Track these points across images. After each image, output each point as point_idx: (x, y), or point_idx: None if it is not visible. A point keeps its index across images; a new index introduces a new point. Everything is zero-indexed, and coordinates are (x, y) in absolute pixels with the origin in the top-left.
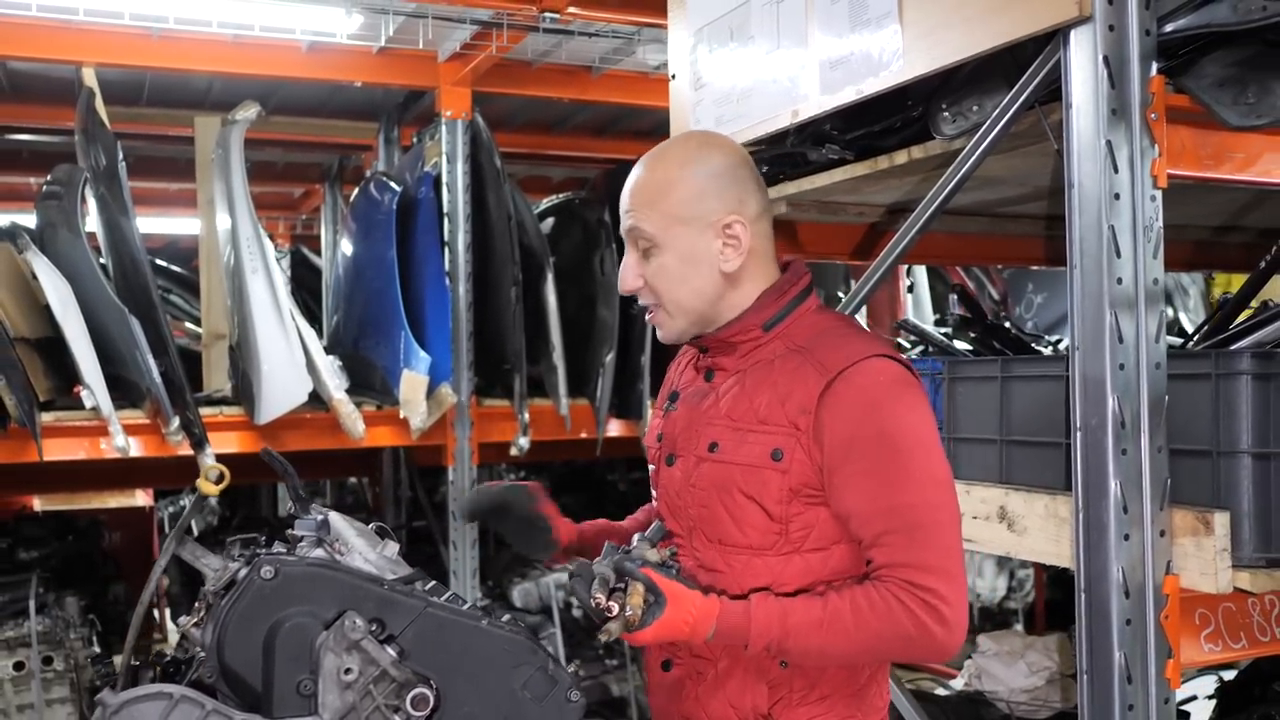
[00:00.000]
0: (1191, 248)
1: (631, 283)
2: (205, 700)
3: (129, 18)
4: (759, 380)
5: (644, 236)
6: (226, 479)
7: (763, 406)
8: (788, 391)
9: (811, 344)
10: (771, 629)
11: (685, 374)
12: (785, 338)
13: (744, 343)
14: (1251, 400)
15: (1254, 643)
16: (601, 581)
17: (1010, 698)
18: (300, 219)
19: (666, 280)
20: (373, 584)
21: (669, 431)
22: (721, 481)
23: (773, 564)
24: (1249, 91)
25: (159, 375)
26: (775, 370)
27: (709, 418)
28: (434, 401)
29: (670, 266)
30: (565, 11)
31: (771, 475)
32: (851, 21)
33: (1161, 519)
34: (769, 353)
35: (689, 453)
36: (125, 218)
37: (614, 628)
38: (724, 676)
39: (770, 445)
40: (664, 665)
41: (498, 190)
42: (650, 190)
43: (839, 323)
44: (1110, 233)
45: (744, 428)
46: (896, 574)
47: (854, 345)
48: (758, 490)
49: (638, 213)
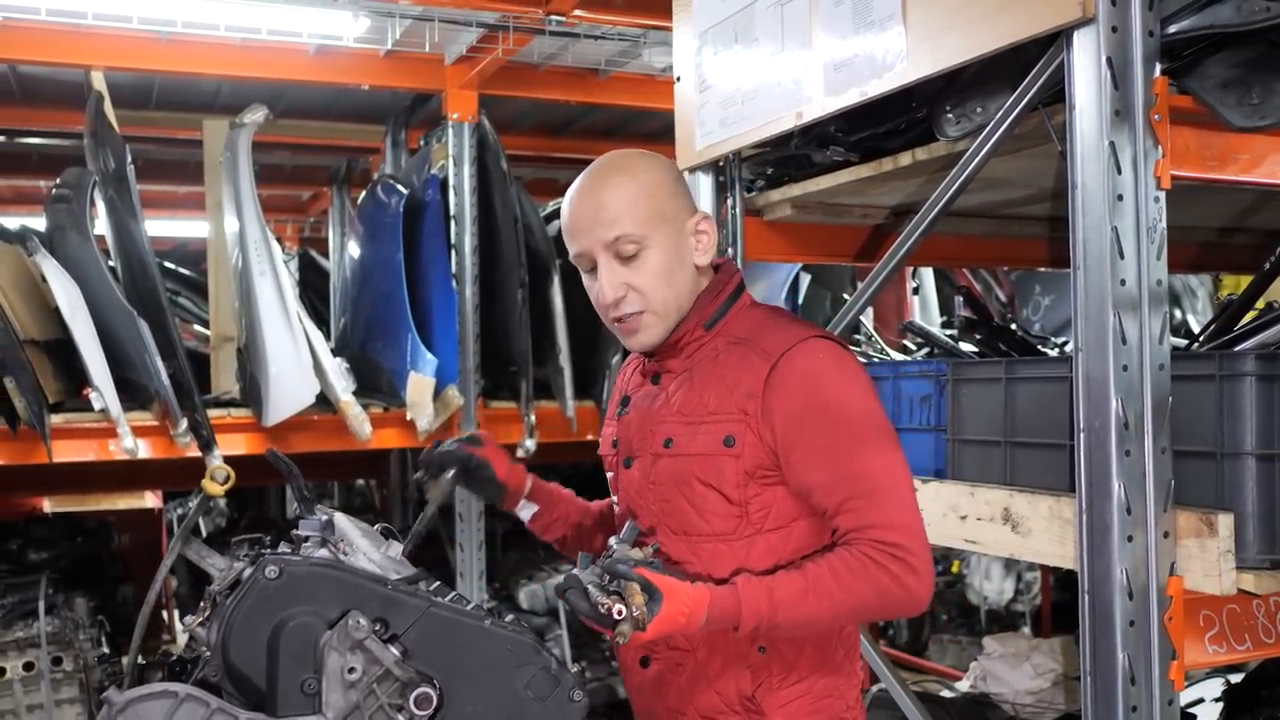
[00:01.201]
0: (1197, 249)
1: (614, 293)
2: (210, 699)
3: (137, 21)
4: (705, 375)
5: (630, 240)
6: (231, 479)
7: (711, 398)
8: (734, 380)
9: (751, 335)
10: (761, 606)
11: (633, 380)
12: (724, 334)
13: (689, 344)
14: (1256, 401)
15: (1259, 644)
16: (598, 588)
17: (1015, 700)
18: (308, 222)
19: (655, 280)
20: (376, 584)
21: (624, 435)
22: (680, 474)
23: (738, 548)
24: (1253, 92)
25: (167, 377)
26: (720, 364)
27: (661, 416)
28: (440, 403)
29: (659, 265)
30: (571, 14)
31: (726, 461)
32: (856, 23)
33: (1165, 520)
34: (711, 350)
35: (645, 452)
36: (134, 220)
37: (627, 629)
38: (704, 666)
39: (722, 433)
40: (643, 662)
41: (504, 193)
42: (626, 198)
43: (774, 314)
44: (1114, 234)
45: (695, 420)
46: (865, 535)
47: (791, 330)
48: (715, 477)
49: (619, 222)
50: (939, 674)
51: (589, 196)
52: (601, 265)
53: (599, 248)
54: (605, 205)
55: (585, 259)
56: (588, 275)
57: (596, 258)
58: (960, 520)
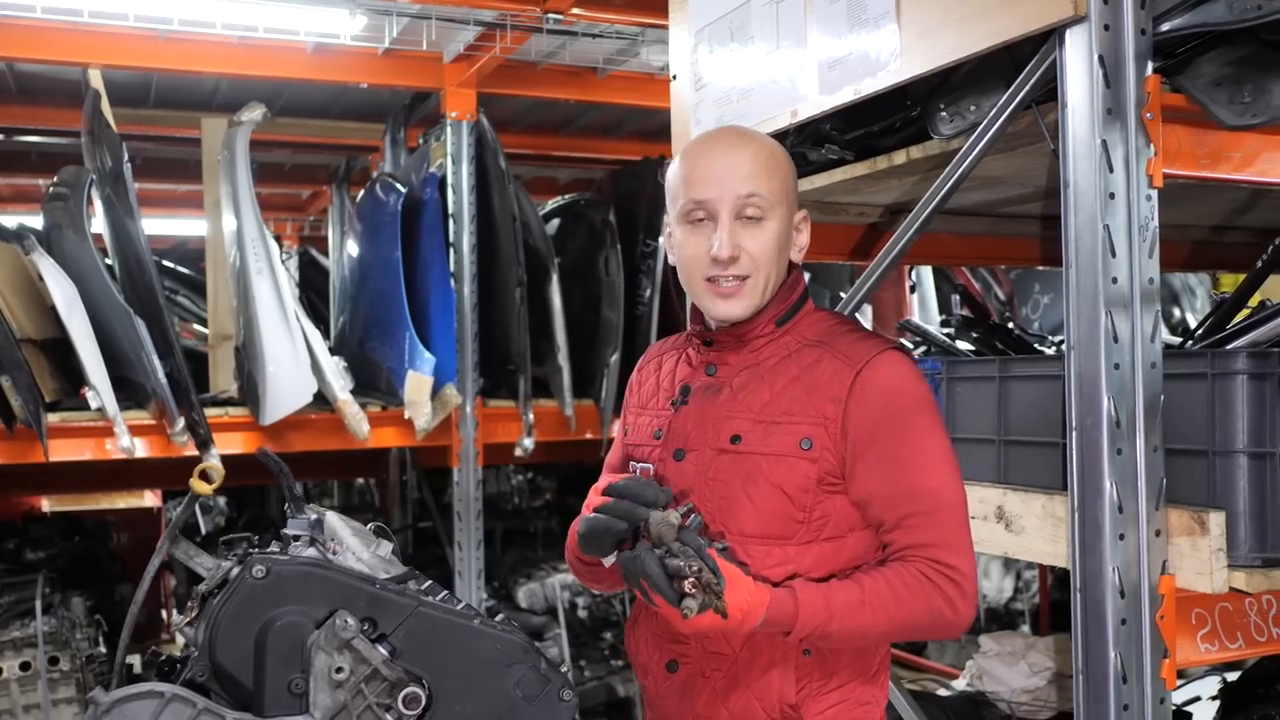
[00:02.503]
0: (1191, 248)
1: (731, 250)
2: (197, 699)
3: (134, 19)
4: (780, 373)
5: (761, 202)
6: (220, 478)
7: (787, 398)
8: (816, 384)
9: (826, 338)
10: (817, 613)
11: (681, 370)
12: (794, 334)
13: (757, 337)
14: (1247, 400)
15: (1251, 643)
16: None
17: (1011, 698)
18: (308, 220)
19: (769, 250)
20: (365, 583)
21: (678, 427)
22: (746, 472)
23: (790, 553)
24: (1245, 91)
25: (164, 376)
26: (796, 363)
27: (727, 411)
28: (439, 402)
29: (775, 237)
30: (569, 13)
31: (801, 464)
32: (850, 22)
33: (1157, 519)
34: (782, 347)
35: (703, 446)
36: (131, 219)
37: (693, 604)
38: (743, 671)
39: (799, 435)
40: (669, 666)
41: (502, 191)
42: (769, 162)
43: (843, 320)
44: (1105, 232)
45: (769, 419)
46: (923, 553)
47: (869, 338)
48: (785, 479)
49: (759, 179)
50: (937, 672)
51: (728, 150)
52: (722, 220)
53: (726, 200)
54: (745, 162)
55: (700, 210)
56: (688, 228)
57: (719, 211)
58: None
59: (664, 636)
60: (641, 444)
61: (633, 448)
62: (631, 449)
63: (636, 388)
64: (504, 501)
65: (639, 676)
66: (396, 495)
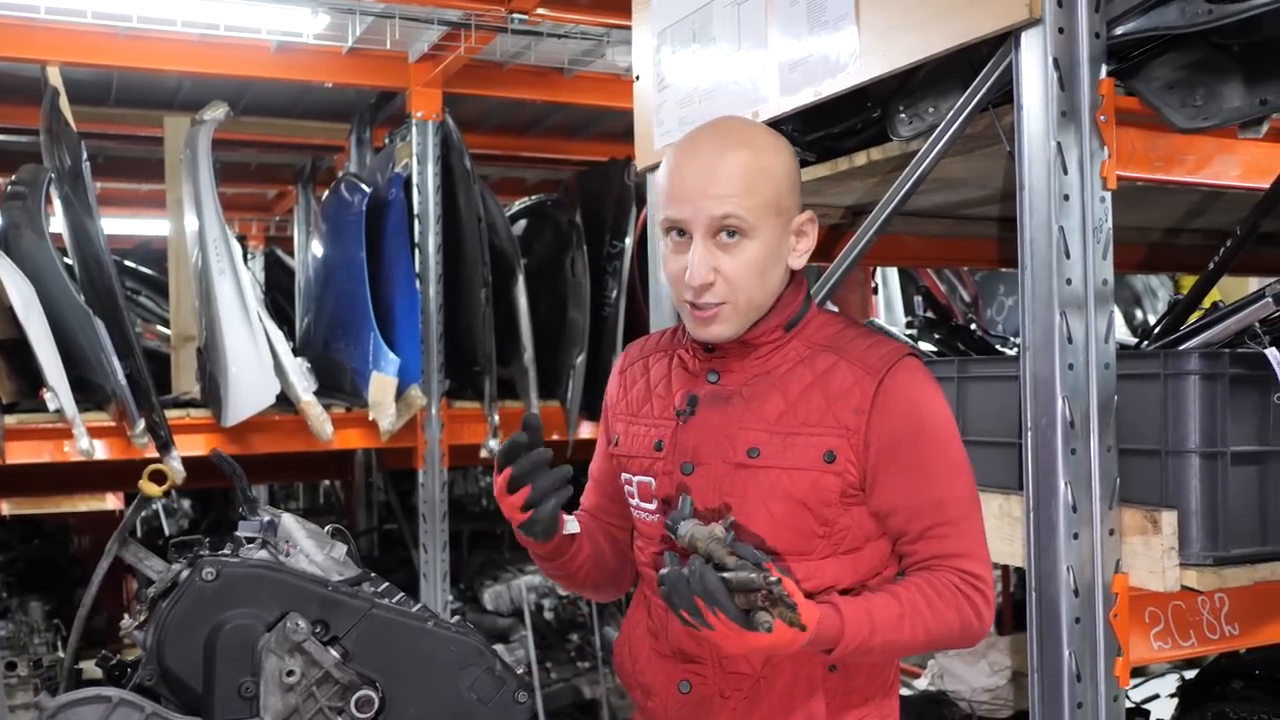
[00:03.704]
0: (1148, 250)
1: (703, 278)
2: (145, 703)
3: (92, 16)
4: (794, 380)
5: (738, 224)
6: (170, 480)
7: (804, 407)
8: (832, 391)
9: (837, 343)
10: (862, 628)
11: (676, 376)
12: (803, 338)
13: (764, 344)
14: (1199, 400)
15: (1203, 640)
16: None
17: (972, 697)
18: (274, 220)
19: (747, 274)
20: (317, 585)
21: (686, 440)
22: (766, 487)
23: (811, 568)
24: (1197, 94)
25: (124, 377)
26: (809, 369)
27: (740, 422)
28: (403, 403)
29: (756, 259)
30: (534, 13)
31: (826, 477)
32: (810, 23)
33: (1110, 518)
34: (792, 353)
35: (716, 460)
36: (90, 218)
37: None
38: (766, 691)
39: (822, 447)
40: (681, 687)
41: (468, 191)
42: (746, 176)
43: (851, 323)
44: (1060, 234)
45: (786, 430)
46: (949, 564)
47: (883, 342)
48: (808, 493)
49: (737, 198)
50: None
51: (706, 162)
52: (696, 242)
53: (700, 221)
54: (721, 177)
55: (676, 228)
56: (669, 242)
57: (693, 231)
58: None
59: (674, 656)
60: (637, 455)
61: (625, 459)
62: (624, 460)
63: (622, 393)
64: (471, 503)
65: (637, 698)
66: (362, 497)
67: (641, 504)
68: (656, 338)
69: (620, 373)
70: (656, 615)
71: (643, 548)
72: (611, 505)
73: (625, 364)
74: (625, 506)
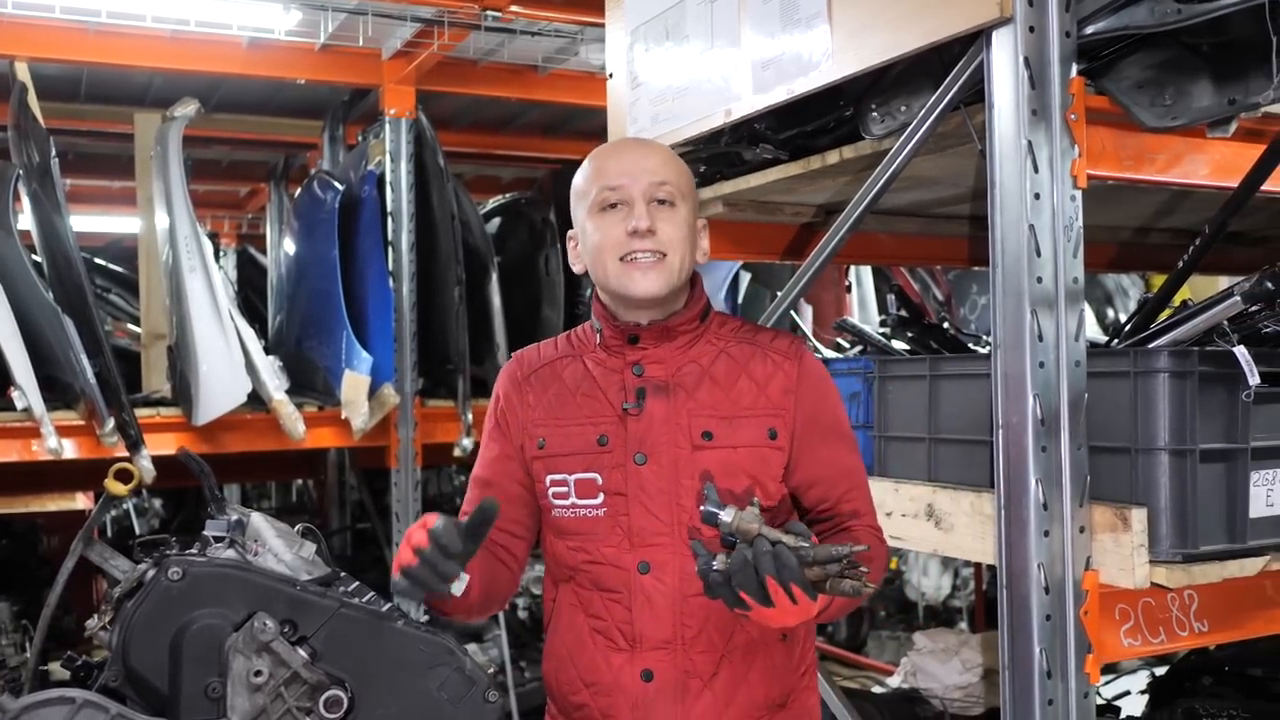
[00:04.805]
0: (1118, 249)
1: (649, 222)
2: (110, 704)
3: (60, 11)
4: (722, 370)
5: (672, 190)
6: (136, 479)
7: (738, 394)
8: (757, 377)
9: (744, 336)
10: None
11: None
12: (713, 332)
13: (683, 332)
14: (1168, 398)
15: (1172, 636)
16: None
17: (945, 695)
18: (246, 218)
19: (681, 234)
20: (285, 584)
21: (637, 431)
22: (724, 466)
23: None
24: (1166, 93)
25: (93, 376)
26: (732, 360)
27: (689, 410)
28: (376, 402)
29: (686, 223)
30: (507, 10)
31: (771, 453)
32: (783, 21)
33: (1081, 515)
34: (710, 345)
35: (671, 447)
36: (59, 215)
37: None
38: (739, 665)
39: (764, 426)
40: (644, 675)
41: (441, 189)
42: (672, 160)
43: (740, 319)
44: (1031, 232)
45: (730, 415)
46: (864, 521)
47: (779, 334)
48: (759, 469)
49: (668, 169)
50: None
51: (639, 147)
52: (637, 201)
53: (640, 187)
54: (655, 156)
55: (614, 195)
56: (600, 216)
57: (632, 195)
58: (885, 517)
59: (633, 649)
60: (575, 453)
61: (557, 459)
62: (554, 460)
63: (533, 399)
64: (445, 502)
65: (583, 698)
66: (335, 496)
67: (581, 501)
68: (549, 347)
69: (520, 382)
70: (606, 610)
71: (581, 546)
72: (508, 510)
73: (522, 374)
74: (526, 512)
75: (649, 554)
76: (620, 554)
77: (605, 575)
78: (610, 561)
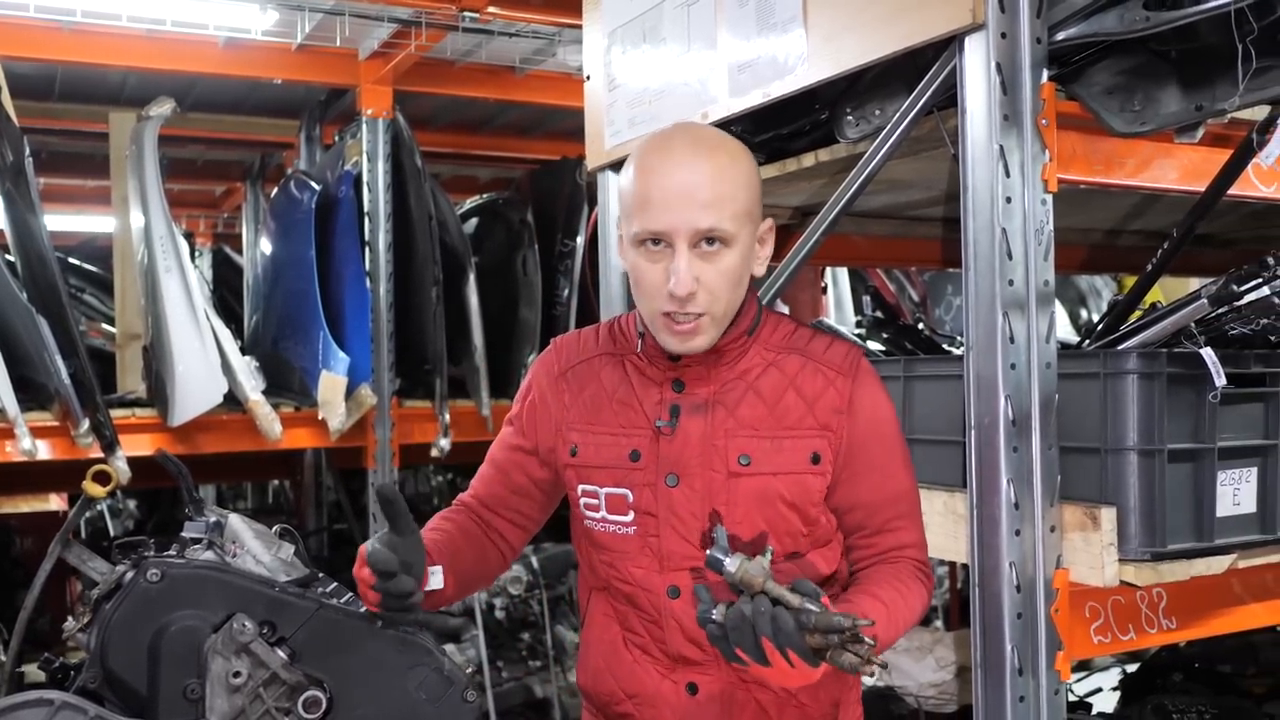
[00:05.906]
0: (1089, 251)
1: (690, 286)
2: (88, 706)
3: (34, 10)
4: (768, 384)
5: (722, 235)
6: (114, 481)
7: (784, 410)
8: (806, 392)
9: (796, 344)
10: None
11: (639, 384)
12: (761, 340)
13: (730, 350)
14: (1137, 399)
15: (1142, 634)
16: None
17: (919, 692)
18: (222, 217)
19: (727, 283)
20: (264, 585)
21: (670, 451)
22: (758, 493)
23: (789, 568)
24: (1135, 99)
25: (68, 376)
26: (781, 372)
27: (727, 430)
28: (353, 402)
29: (735, 268)
30: (485, 11)
31: (810, 479)
32: (759, 25)
33: (1052, 515)
34: (757, 356)
35: (704, 470)
36: (33, 215)
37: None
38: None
39: (808, 449)
40: (689, 689)
41: (419, 189)
42: (729, 185)
43: (792, 320)
44: (1002, 235)
45: (773, 435)
46: (906, 554)
47: (837, 343)
48: (799, 496)
49: (721, 205)
50: None
51: (689, 170)
52: (680, 252)
53: (683, 232)
54: (704, 185)
55: (655, 239)
56: (643, 252)
57: (675, 242)
58: None
59: (672, 660)
60: (607, 466)
61: (589, 470)
62: (587, 471)
63: (570, 398)
64: (424, 503)
65: (626, 708)
66: (312, 497)
67: (611, 516)
68: (589, 338)
69: (562, 377)
70: (643, 627)
71: (611, 562)
72: (512, 499)
73: (563, 366)
74: (532, 505)
75: (679, 579)
76: (649, 576)
77: (636, 596)
78: (639, 584)
